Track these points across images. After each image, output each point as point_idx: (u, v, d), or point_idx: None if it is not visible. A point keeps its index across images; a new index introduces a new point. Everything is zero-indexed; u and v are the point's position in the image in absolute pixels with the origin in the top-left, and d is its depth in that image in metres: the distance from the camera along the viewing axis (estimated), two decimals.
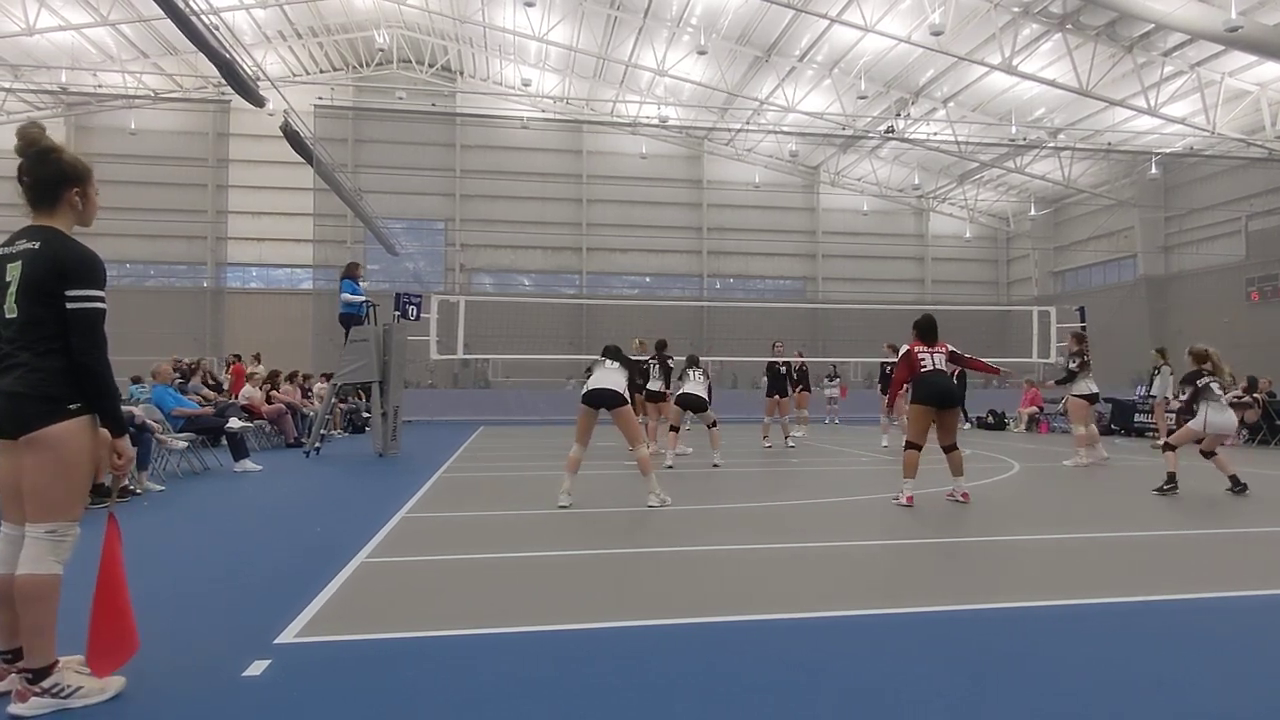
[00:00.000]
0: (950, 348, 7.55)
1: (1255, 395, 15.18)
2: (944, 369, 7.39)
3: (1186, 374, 8.29)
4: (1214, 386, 7.98)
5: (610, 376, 7.14)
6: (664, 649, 3.31)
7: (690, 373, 10.94)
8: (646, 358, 11.73)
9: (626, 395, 7.17)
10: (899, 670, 3.06)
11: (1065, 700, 2.76)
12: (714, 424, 11.01)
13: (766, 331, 12.31)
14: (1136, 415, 17.21)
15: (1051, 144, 31.12)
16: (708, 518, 6.76)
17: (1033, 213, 37.97)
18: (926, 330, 7.53)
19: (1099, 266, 36.53)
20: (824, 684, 2.91)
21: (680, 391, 10.97)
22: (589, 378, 7.35)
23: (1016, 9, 23.69)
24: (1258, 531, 6.22)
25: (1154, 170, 30.21)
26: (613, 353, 7.44)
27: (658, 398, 11.71)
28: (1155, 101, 25.87)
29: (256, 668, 3.02)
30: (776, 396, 13.53)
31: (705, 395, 10.92)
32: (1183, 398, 8.49)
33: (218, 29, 20.13)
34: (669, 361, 11.99)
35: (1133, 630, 3.59)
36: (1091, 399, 11.26)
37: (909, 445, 7.34)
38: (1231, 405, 15.07)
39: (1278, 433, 14.55)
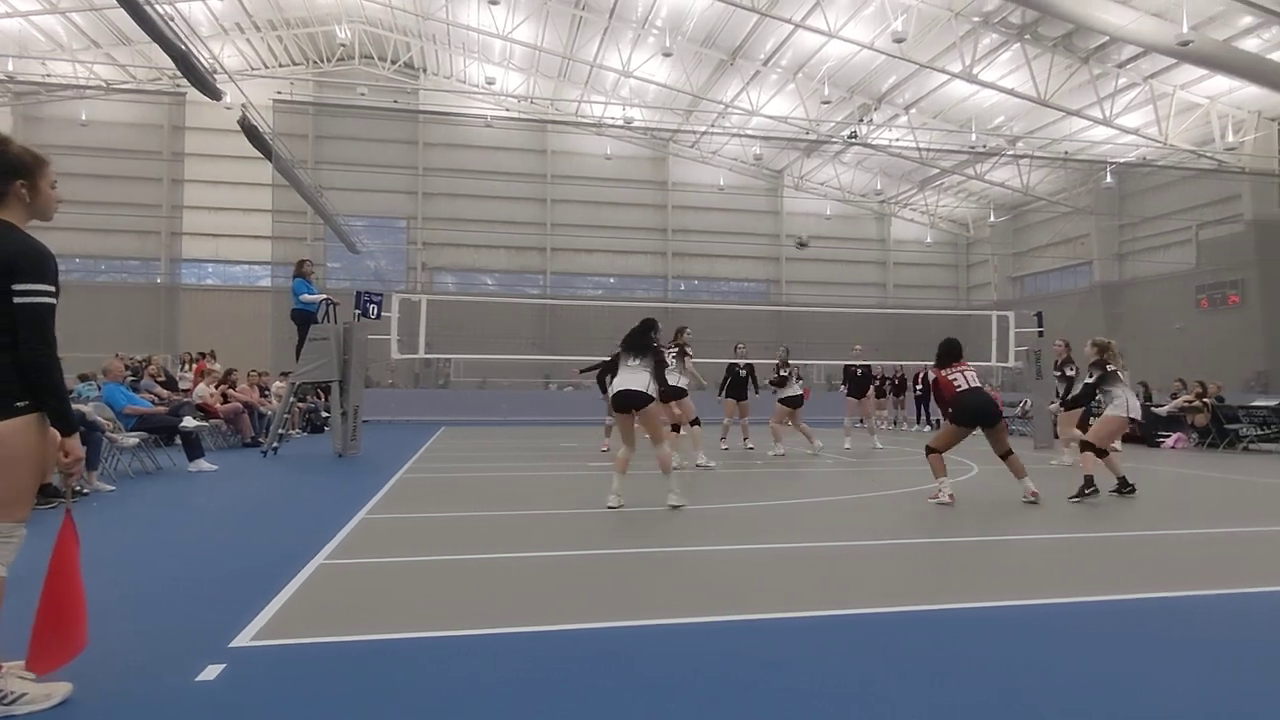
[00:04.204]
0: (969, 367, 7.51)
1: (1204, 400, 15.61)
2: (979, 385, 7.42)
3: (1095, 362, 8.17)
4: (1120, 374, 8.00)
5: (633, 376, 6.91)
6: (632, 651, 3.28)
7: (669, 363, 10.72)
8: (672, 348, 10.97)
9: (653, 392, 6.91)
10: (865, 670, 3.06)
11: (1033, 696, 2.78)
12: (695, 421, 10.82)
13: (732, 333, 12.30)
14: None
15: (1010, 152, 31.71)
16: (672, 519, 6.73)
17: (992, 219, 38.67)
18: (944, 354, 7.57)
19: (1056, 272, 37.32)
20: (789, 683, 2.90)
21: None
22: (610, 375, 7.13)
23: (977, 18, 24.11)
24: (1223, 532, 6.36)
25: (1109, 179, 30.92)
26: (635, 347, 7.08)
27: (677, 394, 10.74)
28: (1110, 112, 26.52)
29: (210, 672, 2.93)
30: (734, 399, 13.45)
31: (685, 388, 10.63)
32: (1089, 381, 8.19)
33: (173, 19, 19.65)
34: (686, 351, 11.11)
35: (1085, 630, 3.64)
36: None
37: (930, 450, 7.36)
38: (1182, 410, 15.61)
39: (1226, 436, 14.94)
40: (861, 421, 15.95)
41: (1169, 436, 15.53)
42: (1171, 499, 7.80)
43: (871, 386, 16.58)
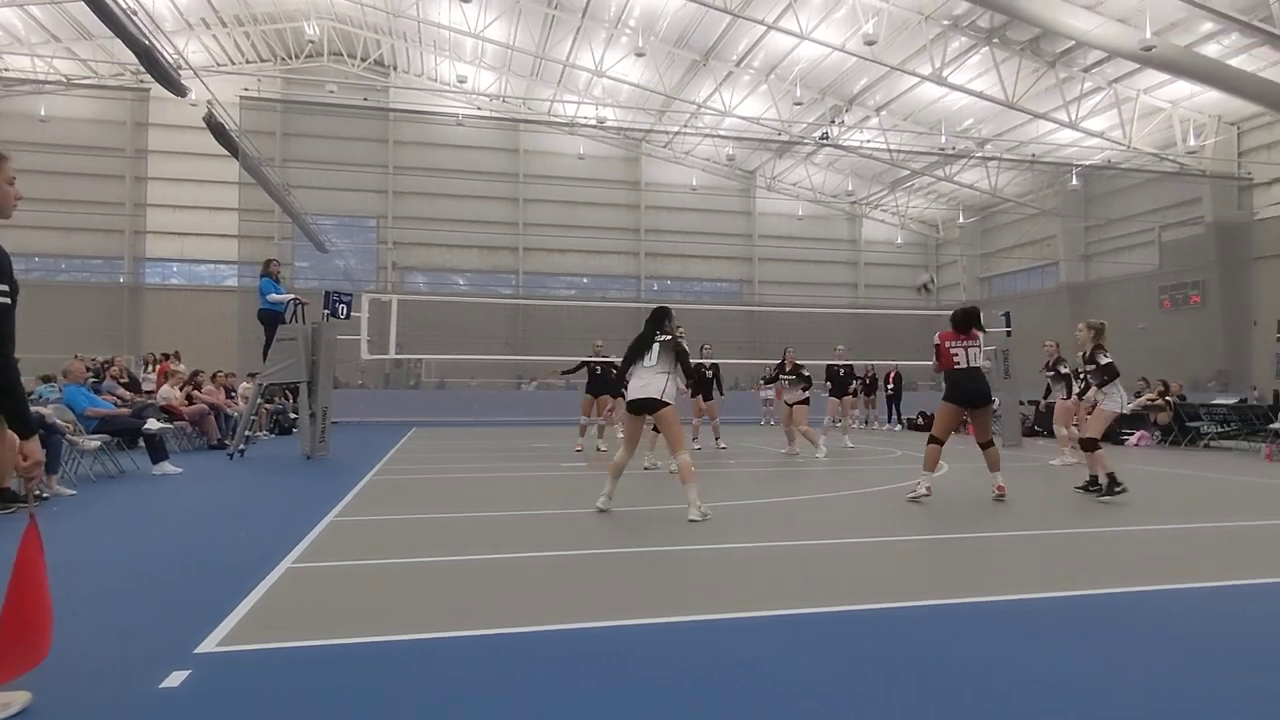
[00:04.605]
0: (979, 340, 7.20)
1: (1167, 398, 15.91)
2: (978, 365, 7.09)
3: (1093, 348, 7.86)
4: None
5: (649, 377, 6.52)
6: (614, 652, 3.25)
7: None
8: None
9: (670, 396, 6.52)
10: (839, 669, 3.06)
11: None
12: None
13: (705, 334, 12.27)
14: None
15: (979, 154, 32.12)
16: (646, 520, 6.71)
17: (961, 220, 39.14)
18: (960, 320, 7.19)
19: (1023, 273, 37.86)
20: (762, 683, 2.88)
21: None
22: (627, 375, 6.67)
23: (946, 22, 24.37)
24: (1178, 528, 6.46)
25: (1075, 182, 31.43)
26: (650, 345, 6.58)
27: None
28: (1076, 115, 26.96)
29: (175, 678, 2.86)
30: (701, 399, 13.42)
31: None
32: (1091, 367, 7.79)
33: (136, 14, 19.27)
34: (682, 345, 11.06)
35: (1060, 626, 3.67)
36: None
37: (932, 439, 7.09)
38: (1145, 408, 15.90)
39: (1188, 433, 15.24)
40: (836, 421, 16.04)
41: (1133, 434, 15.81)
42: (1139, 496, 7.91)
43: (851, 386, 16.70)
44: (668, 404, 6.50)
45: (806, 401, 12.51)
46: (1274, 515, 7.14)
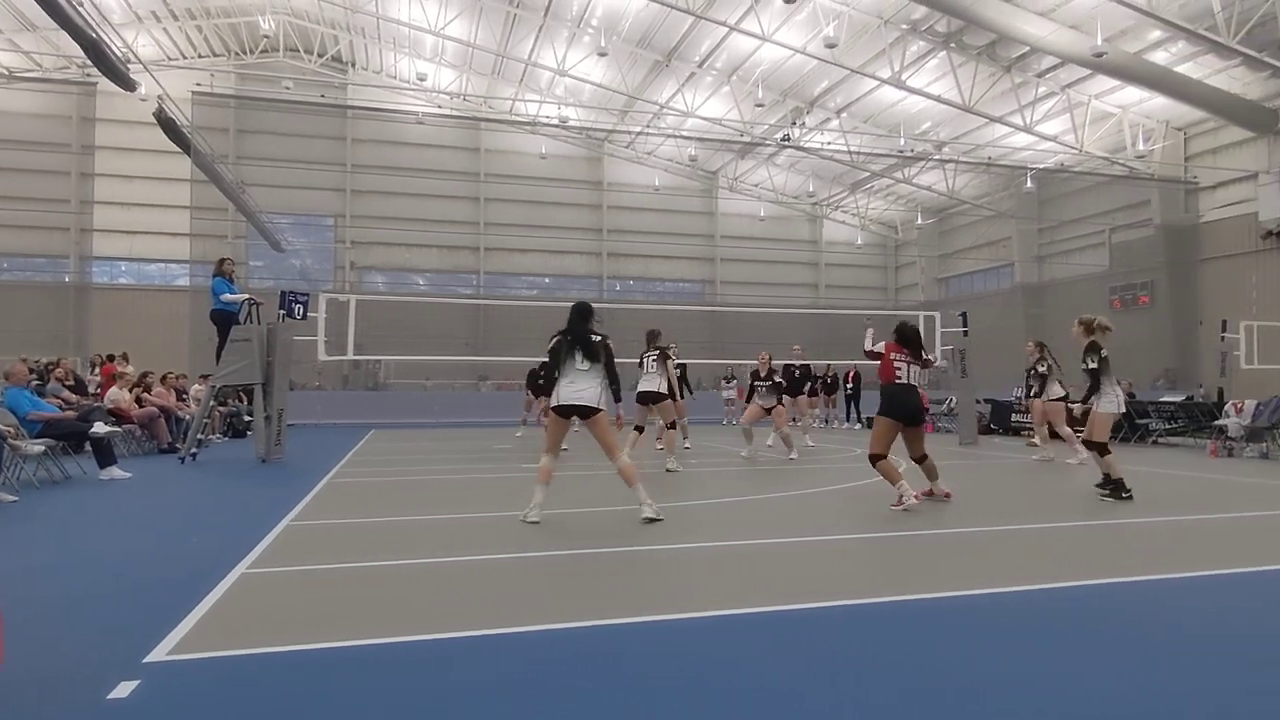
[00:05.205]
0: (926, 356, 7.20)
1: None
2: (916, 384, 7.04)
3: (1090, 344, 7.73)
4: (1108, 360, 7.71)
5: (584, 381, 6.11)
6: (562, 655, 3.19)
7: (650, 367, 10.34)
8: (653, 351, 10.67)
9: (604, 403, 6.17)
10: (796, 667, 3.04)
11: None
12: (672, 424, 10.65)
13: (667, 334, 12.24)
14: (1014, 415, 18.15)
15: (937, 156, 32.63)
16: (606, 520, 6.65)
17: (920, 221, 39.73)
18: (907, 338, 7.13)
19: (980, 273, 38.55)
20: (734, 684, 2.85)
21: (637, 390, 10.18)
22: (554, 372, 6.22)
23: (905, 26, 24.71)
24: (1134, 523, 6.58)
25: (1029, 184, 32.06)
26: (583, 342, 6.15)
27: (656, 398, 10.47)
28: (1030, 119, 27.53)
29: (123, 689, 2.75)
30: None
31: (657, 389, 10.36)
32: (1093, 366, 7.63)
33: (82, 5, 18.68)
34: (668, 354, 10.73)
35: (1025, 620, 3.71)
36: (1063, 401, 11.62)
37: (875, 458, 6.96)
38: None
39: (1137, 430, 15.60)
40: (795, 420, 16.14)
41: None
42: (1093, 491, 8.06)
43: (808, 386, 16.83)
44: (602, 410, 6.17)
45: (781, 403, 12.37)
46: (1221, 510, 7.32)
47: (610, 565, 4.99)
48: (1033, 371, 12.21)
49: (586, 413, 6.13)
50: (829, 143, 32.08)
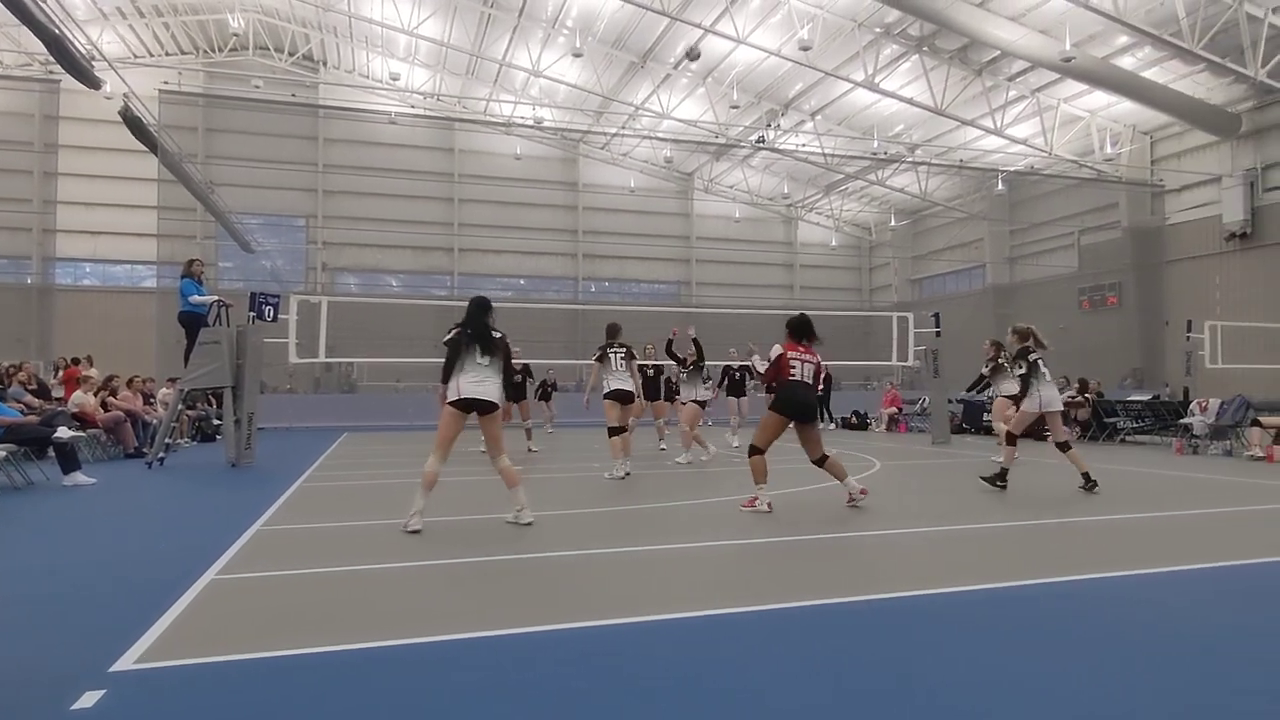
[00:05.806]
0: (818, 358, 7.08)
1: (1086, 395, 16.52)
2: (809, 381, 6.92)
3: (1018, 350, 8.43)
4: (1041, 364, 8.31)
5: (485, 375, 6.02)
6: (532, 658, 3.15)
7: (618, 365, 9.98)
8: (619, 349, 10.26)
9: (501, 399, 6.14)
10: (766, 668, 3.03)
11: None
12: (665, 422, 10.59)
13: (642, 335, 12.19)
14: (985, 415, 18.34)
15: (910, 159, 32.92)
16: (568, 523, 6.62)
17: (893, 223, 40.07)
18: (799, 329, 7.01)
19: (952, 275, 38.93)
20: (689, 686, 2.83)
21: (610, 388, 9.89)
22: (457, 369, 6.04)
23: (879, 29, 24.90)
24: (1092, 520, 6.66)
25: (1000, 187, 32.45)
26: (482, 337, 6.05)
27: (630, 398, 10.14)
28: (1001, 123, 27.86)
29: (89, 699, 2.68)
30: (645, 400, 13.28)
31: (632, 388, 10.07)
32: (1020, 372, 8.42)
33: (44, 0, 18.31)
34: (634, 352, 10.41)
35: (996, 617, 3.73)
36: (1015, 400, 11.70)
37: (754, 450, 6.83)
38: (1065, 405, 16.45)
39: (1105, 428, 15.83)
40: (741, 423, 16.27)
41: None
42: (1063, 490, 8.16)
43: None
44: (499, 406, 6.15)
45: (704, 403, 11.92)
46: (1186, 507, 7.44)
47: (568, 570, 4.96)
48: (985, 369, 12.28)
49: (486, 408, 6.05)
50: (804, 145, 32.26)
